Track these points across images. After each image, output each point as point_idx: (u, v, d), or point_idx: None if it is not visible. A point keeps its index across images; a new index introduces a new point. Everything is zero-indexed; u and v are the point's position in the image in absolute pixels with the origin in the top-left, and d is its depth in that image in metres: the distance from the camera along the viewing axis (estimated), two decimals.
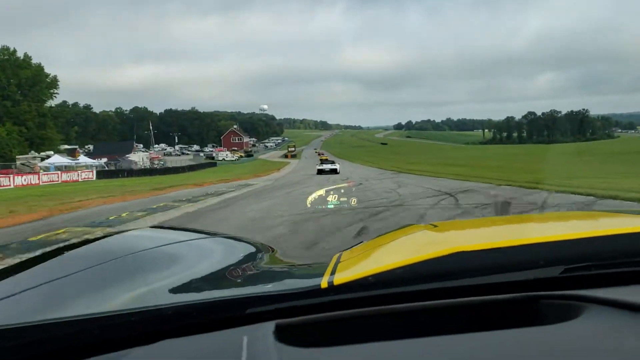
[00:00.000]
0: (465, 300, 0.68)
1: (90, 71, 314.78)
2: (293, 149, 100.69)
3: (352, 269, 0.80)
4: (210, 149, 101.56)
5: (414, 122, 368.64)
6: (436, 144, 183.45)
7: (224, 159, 77.41)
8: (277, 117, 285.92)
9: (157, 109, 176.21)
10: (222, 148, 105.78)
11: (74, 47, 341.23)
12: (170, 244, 1.11)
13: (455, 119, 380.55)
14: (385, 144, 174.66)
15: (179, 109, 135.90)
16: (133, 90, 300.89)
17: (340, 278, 0.73)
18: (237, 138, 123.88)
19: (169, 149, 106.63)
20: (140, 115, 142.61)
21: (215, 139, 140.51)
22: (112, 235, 1.16)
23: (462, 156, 66.59)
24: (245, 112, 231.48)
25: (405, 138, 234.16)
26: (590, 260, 0.73)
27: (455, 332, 0.57)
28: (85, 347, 0.64)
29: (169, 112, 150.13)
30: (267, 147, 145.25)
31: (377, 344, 0.56)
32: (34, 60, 57.40)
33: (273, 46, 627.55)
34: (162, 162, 62.70)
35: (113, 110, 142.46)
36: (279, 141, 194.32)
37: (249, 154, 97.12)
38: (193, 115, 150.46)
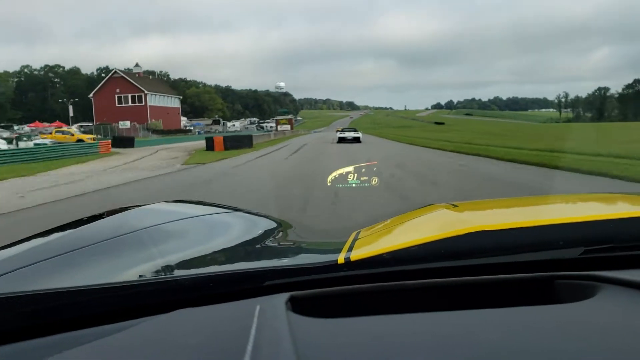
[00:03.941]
0: (482, 278, 0.68)
1: (86, 47, 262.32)
2: (286, 125, 61.93)
3: (369, 246, 0.80)
4: None
5: (455, 102, 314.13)
6: (513, 122, 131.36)
7: None
8: (297, 98, 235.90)
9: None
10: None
11: (65, 17, 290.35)
12: (190, 217, 1.13)
13: (504, 97, 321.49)
14: (442, 123, 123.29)
15: (123, 67, 76.91)
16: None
17: (356, 254, 0.73)
18: (131, 97, 60.59)
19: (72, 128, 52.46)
20: (62, 78, 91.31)
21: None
22: (132, 208, 1.18)
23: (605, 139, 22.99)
24: (259, 89, 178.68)
25: (463, 116, 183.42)
26: (611, 242, 0.73)
27: (470, 308, 0.58)
28: (104, 314, 0.67)
29: (106, 74, 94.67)
30: (263, 127, 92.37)
31: (391, 316, 0.56)
32: None
33: (297, 14, 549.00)
34: None
35: (18, 69, 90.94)
36: None
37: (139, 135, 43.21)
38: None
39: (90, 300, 0.69)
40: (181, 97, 78.55)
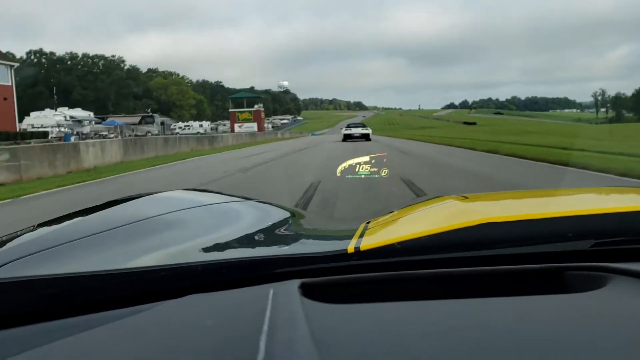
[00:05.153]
0: (492, 268, 0.69)
1: (79, 43, 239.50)
2: (251, 123, 48.63)
3: (379, 235, 0.81)
4: None
5: (470, 102, 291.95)
6: (559, 123, 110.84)
7: None
8: (302, 98, 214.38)
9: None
10: None
11: (60, 11, 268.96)
12: (202, 205, 1.14)
13: (522, 97, 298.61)
14: (473, 123, 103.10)
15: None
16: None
17: (366, 244, 0.75)
18: None
19: None
20: None
21: (131, 108, 67.99)
22: (144, 195, 1.19)
23: None
24: (259, 88, 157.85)
25: (493, 116, 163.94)
26: (622, 235, 0.73)
27: (479, 297, 0.58)
28: (116, 298, 0.68)
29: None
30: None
31: (401, 303, 0.57)
32: None
33: (302, 10, 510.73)
34: None
35: None
36: (285, 121, 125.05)
37: None
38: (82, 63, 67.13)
39: (102, 285, 0.70)
40: (16, 64, 39.11)
